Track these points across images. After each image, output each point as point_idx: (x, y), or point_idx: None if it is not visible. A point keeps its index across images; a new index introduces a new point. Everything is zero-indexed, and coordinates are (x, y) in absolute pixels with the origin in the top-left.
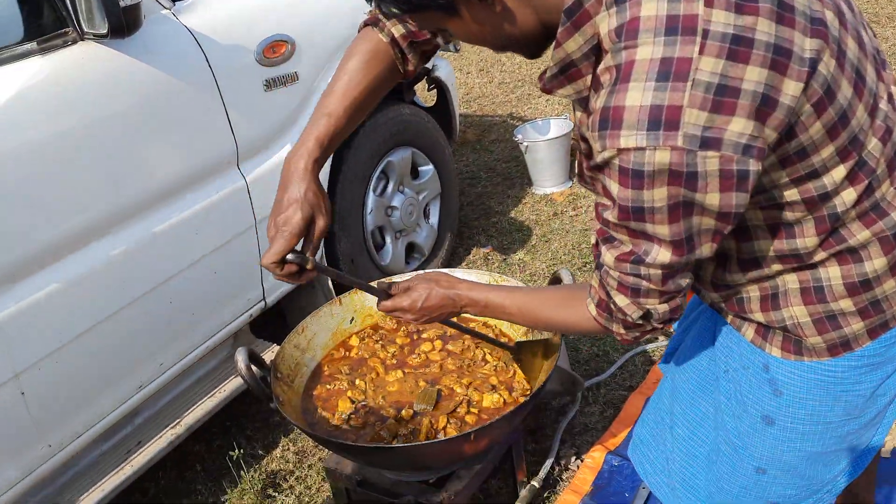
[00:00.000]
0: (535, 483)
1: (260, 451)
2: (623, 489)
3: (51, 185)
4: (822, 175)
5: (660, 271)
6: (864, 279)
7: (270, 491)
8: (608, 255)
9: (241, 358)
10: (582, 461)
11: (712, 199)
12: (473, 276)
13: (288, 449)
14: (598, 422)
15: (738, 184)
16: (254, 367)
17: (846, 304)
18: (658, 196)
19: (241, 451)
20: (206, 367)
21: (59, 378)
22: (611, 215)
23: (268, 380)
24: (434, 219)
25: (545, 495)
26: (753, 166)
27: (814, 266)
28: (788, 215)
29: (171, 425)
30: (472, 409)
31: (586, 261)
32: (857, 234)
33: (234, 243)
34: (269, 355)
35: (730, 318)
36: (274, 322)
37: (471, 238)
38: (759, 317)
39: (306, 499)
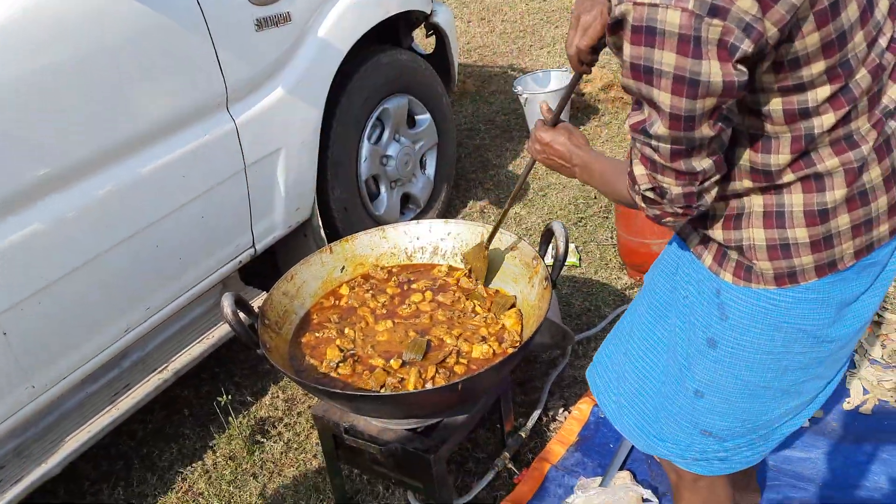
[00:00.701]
0: (522, 433)
1: (249, 398)
2: (608, 440)
3: (33, 122)
4: (808, 90)
5: (667, 146)
6: (823, 209)
7: (259, 437)
8: (628, 122)
9: (227, 303)
10: (569, 413)
11: (708, 68)
12: (465, 228)
13: (277, 396)
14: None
15: (731, 56)
16: (241, 314)
17: (801, 234)
18: (667, 60)
19: (230, 397)
20: (194, 313)
21: (41, 319)
22: (622, 77)
23: (255, 326)
24: (430, 169)
25: (532, 445)
26: (748, 46)
27: (780, 190)
28: (769, 127)
29: (159, 370)
30: (462, 360)
31: (582, 216)
32: (827, 160)
33: (223, 188)
34: (258, 302)
35: (693, 246)
36: (266, 270)
37: (468, 190)
38: (718, 234)
39: (294, 445)
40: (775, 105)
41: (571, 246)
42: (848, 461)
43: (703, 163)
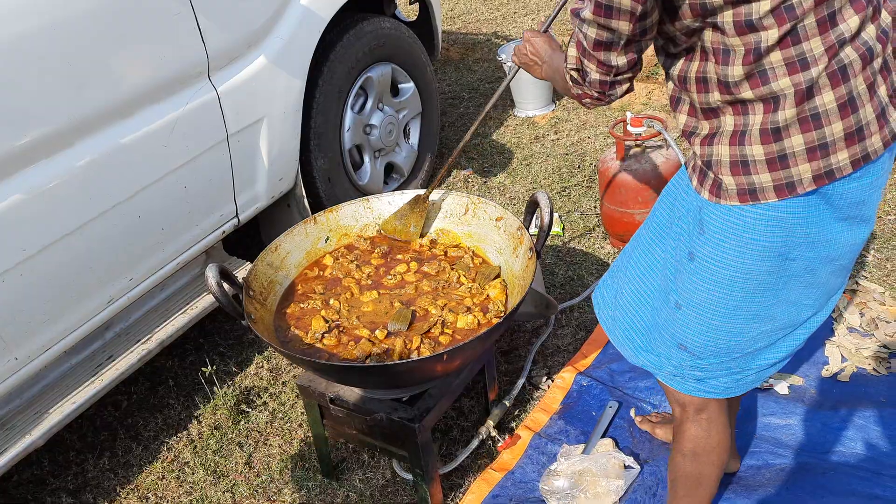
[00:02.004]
0: (506, 402)
1: (233, 368)
2: (590, 408)
3: (9, 91)
4: (752, 2)
5: (592, 34)
6: (775, 127)
7: (244, 406)
8: (571, 7)
9: (211, 274)
10: (552, 381)
11: None
12: (449, 198)
13: (262, 366)
14: (569, 344)
15: None
16: (225, 284)
17: (758, 151)
18: None
19: (214, 367)
20: (177, 284)
21: (23, 291)
22: None
23: (240, 297)
24: (414, 139)
25: (515, 413)
26: None
27: (746, 110)
28: (726, 40)
29: (143, 340)
30: (447, 330)
31: (566, 185)
32: (780, 79)
33: (205, 158)
34: (242, 273)
35: (688, 170)
36: (249, 241)
37: None
38: (697, 148)
39: (280, 415)
40: (727, 17)
41: (555, 216)
42: (826, 427)
43: (618, 59)
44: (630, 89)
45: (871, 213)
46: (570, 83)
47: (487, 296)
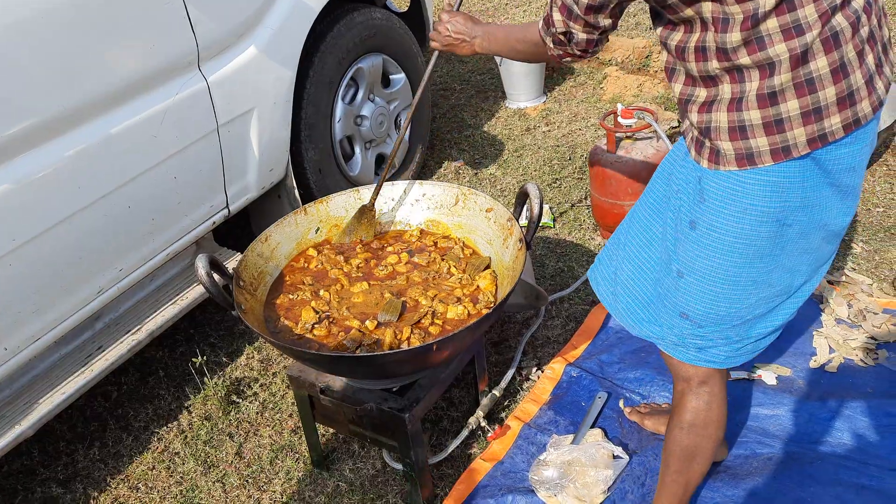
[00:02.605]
0: (496, 392)
1: (224, 359)
2: (580, 398)
3: None
4: None
5: (586, 0)
6: (772, 91)
7: (234, 397)
8: None
9: (201, 264)
10: (542, 372)
11: None
12: (439, 189)
13: (252, 357)
14: (559, 335)
15: None
16: (215, 275)
17: (755, 116)
18: None
19: (205, 358)
20: (168, 274)
21: (12, 281)
22: None
23: (230, 288)
24: None
25: (506, 403)
26: None
27: (742, 77)
28: (726, 9)
29: (133, 331)
30: (437, 321)
31: (556, 177)
32: (777, 45)
33: (195, 148)
34: (232, 264)
35: (686, 142)
36: (240, 232)
37: (442, 151)
38: (694, 116)
39: (270, 405)
40: None
41: (546, 207)
42: (813, 418)
43: (605, 21)
44: (607, 40)
45: (858, 183)
46: (552, 45)
47: (477, 287)
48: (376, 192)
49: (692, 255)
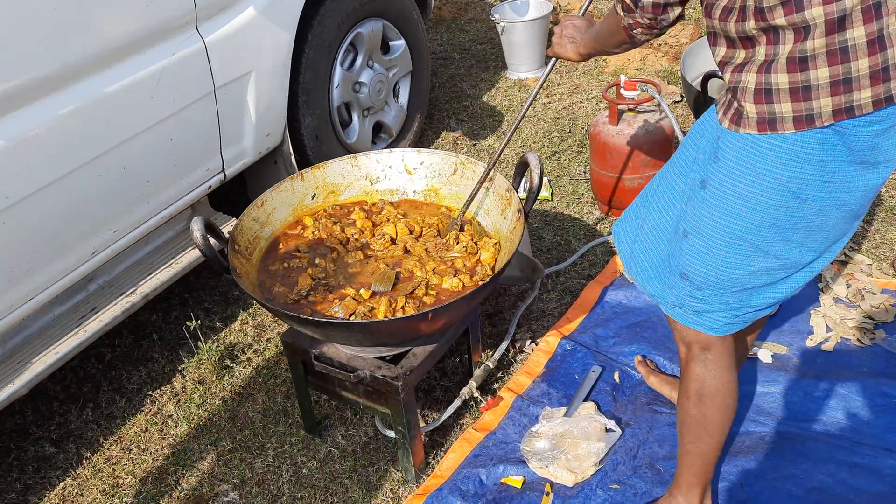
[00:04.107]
0: (489, 363)
1: (218, 324)
2: (574, 371)
3: None
4: None
5: None
6: (803, 56)
7: (228, 362)
8: None
9: (196, 227)
10: (536, 345)
11: None
12: (438, 158)
13: (247, 323)
14: (555, 308)
15: None
16: (211, 239)
17: (783, 80)
18: None
19: (199, 322)
20: (162, 238)
21: (4, 240)
22: None
23: (225, 252)
24: (403, 98)
25: (499, 375)
26: None
27: (777, 40)
28: None
29: (127, 293)
30: (431, 291)
31: (556, 150)
32: (814, 9)
33: (192, 110)
34: (228, 229)
35: (719, 103)
36: (236, 198)
37: (441, 121)
38: (728, 75)
39: (264, 371)
40: None
41: (545, 179)
42: (808, 396)
43: None
44: (681, 17)
45: (889, 158)
46: (622, 13)
47: (478, 260)
48: (467, 204)
49: (698, 215)
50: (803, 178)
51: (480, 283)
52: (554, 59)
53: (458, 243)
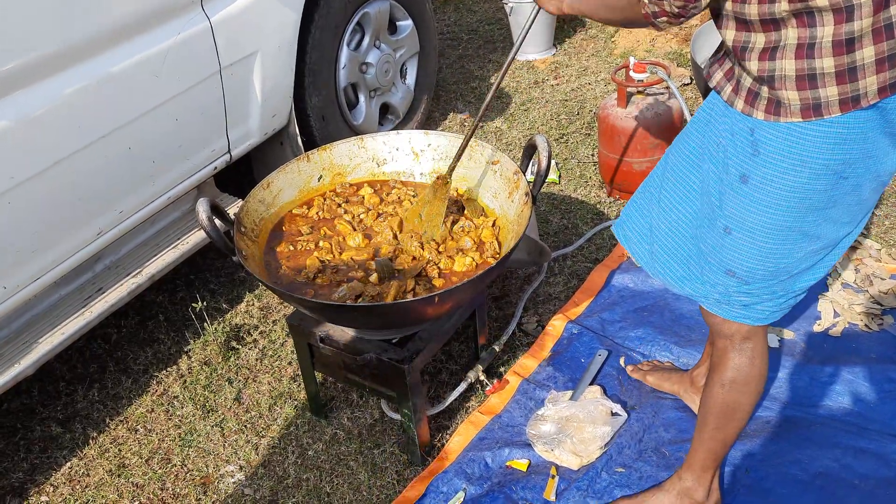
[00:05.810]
0: (495, 347)
1: (224, 305)
2: (580, 355)
3: None
4: None
5: None
6: (850, 37)
7: (234, 343)
8: None
9: (202, 209)
10: (543, 328)
11: None
12: (445, 140)
13: (252, 304)
14: (561, 292)
15: None
16: (216, 220)
17: (828, 63)
18: None
19: (205, 303)
20: (168, 218)
21: (10, 220)
22: None
23: (231, 234)
24: (411, 79)
25: (505, 358)
26: None
27: (813, 21)
28: None
29: (133, 274)
30: (443, 270)
31: (563, 132)
32: None
33: (197, 90)
34: (234, 210)
35: (725, 96)
36: (242, 179)
37: (448, 102)
38: (754, 65)
39: (269, 352)
40: None
41: (552, 162)
42: (814, 381)
43: None
44: (709, 5)
45: None
46: (648, 5)
47: (481, 239)
48: (455, 162)
49: (742, 211)
50: (848, 158)
51: (491, 260)
52: (536, 9)
53: (462, 229)
